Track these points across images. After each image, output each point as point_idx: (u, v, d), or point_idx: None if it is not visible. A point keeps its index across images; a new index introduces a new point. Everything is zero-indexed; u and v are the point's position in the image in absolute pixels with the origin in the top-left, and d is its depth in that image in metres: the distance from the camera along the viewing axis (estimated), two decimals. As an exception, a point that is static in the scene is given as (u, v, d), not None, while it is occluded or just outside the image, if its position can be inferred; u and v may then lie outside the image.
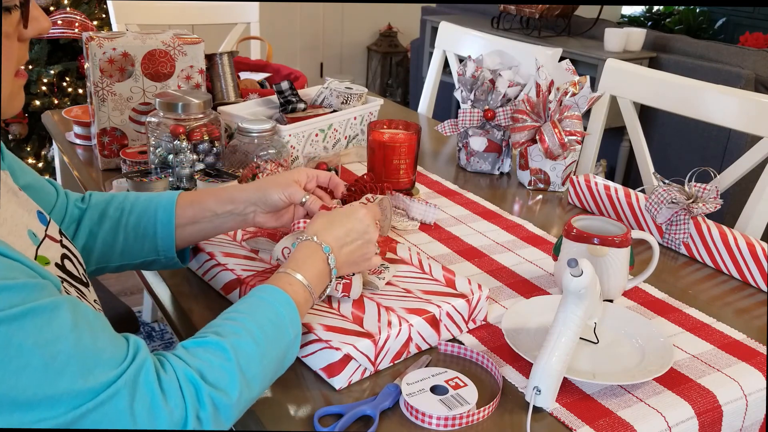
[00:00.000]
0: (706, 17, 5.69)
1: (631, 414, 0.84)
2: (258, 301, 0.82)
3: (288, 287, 0.83)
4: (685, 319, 1.06)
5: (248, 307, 0.81)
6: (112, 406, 0.65)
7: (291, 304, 0.82)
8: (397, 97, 5.05)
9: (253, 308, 0.81)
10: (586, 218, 1.10)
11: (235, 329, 0.77)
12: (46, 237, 0.83)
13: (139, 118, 1.51)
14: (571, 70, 1.50)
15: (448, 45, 2.23)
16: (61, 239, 0.86)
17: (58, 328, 0.65)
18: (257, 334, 0.77)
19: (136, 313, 2.15)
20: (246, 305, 0.81)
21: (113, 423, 0.65)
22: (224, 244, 1.09)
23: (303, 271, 0.86)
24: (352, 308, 0.93)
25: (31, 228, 0.81)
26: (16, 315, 0.62)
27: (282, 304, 0.81)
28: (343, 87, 1.63)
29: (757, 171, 1.44)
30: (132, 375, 0.67)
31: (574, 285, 0.84)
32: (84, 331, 0.67)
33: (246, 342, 0.76)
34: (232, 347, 0.74)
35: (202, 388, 0.71)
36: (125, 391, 0.66)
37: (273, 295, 0.82)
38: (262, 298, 0.82)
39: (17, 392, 0.62)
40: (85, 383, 0.64)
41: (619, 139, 3.28)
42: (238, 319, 0.79)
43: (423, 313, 0.93)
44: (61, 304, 0.66)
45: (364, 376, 0.88)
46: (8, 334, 0.61)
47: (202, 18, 2.48)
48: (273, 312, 0.80)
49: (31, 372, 0.62)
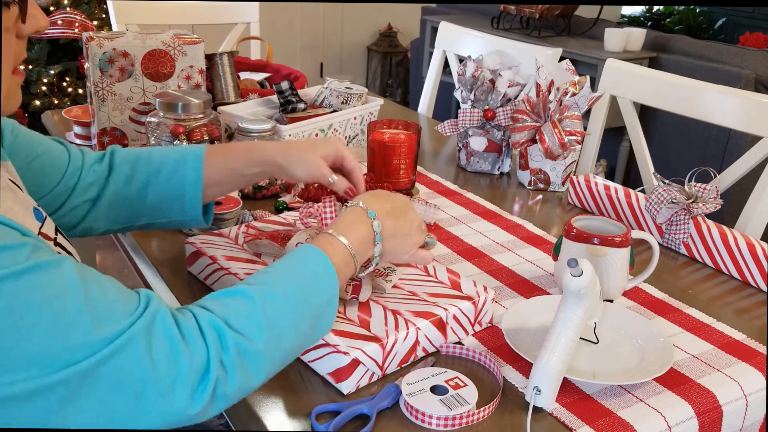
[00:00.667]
0: (706, 17, 5.69)
1: (631, 414, 0.84)
2: (295, 258, 0.81)
3: (328, 247, 0.83)
4: (685, 319, 1.06)
5: (285, 263, 0.81)
6: (129, 352, 0.65)
7: (329, 264, 0.81)
8: (397, 97, 5.05)
9: (289, 264, 0.80)
10: (586, 218, 1.10)
11: (266, 280, 0.77)
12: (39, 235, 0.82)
13: (139, 118, 1.51)
14: (571, 70, 1.50)
15: (448, 45, 2.23)
16: (56, 237, 0.86)
17: (64, 283, 0.64)
18: (288, 287, 0.77)
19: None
20: (283, 262, 0.81)
21: (132, 368, 0.65)
22: (226, 247, 1.08)
23: (347, 234, 0.85)
24: (359, 312, 0.92)
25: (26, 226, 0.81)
26: (21, 271, 0.62)
27: (320, 264, 0.81)
28: (343, 87, 1.63)
29: (757, 171, 1.44)
30: (147, 321, 0.67)
31: (574, 285, 0.84)
32: (92, 285, 0.66)
33: (275, 293, 0.75)
34: (260, 296, 0.74)
35: (225, 333, 0.70)
36: (141, 336, 0.66)
37: (311, 254, 0.81)
38: (300, 256, 0.81)
39: (32, 348, 0.61)
40: (98, 332, 0.64)
41: (619, 139, 3.28)
42: (271, 272, 0.79)
43: (430, 316, 0.92)
44: (65, 260, 0.66)
45: (372, 380, 0.88)
46: (15, 291, 0.61)
47: (202, 18, 2.48)
48: (308, 269, 0.80)
49: (42, 328, 0.62)
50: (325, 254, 0.82)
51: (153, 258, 1.16)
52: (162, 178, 1.03)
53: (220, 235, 1.11)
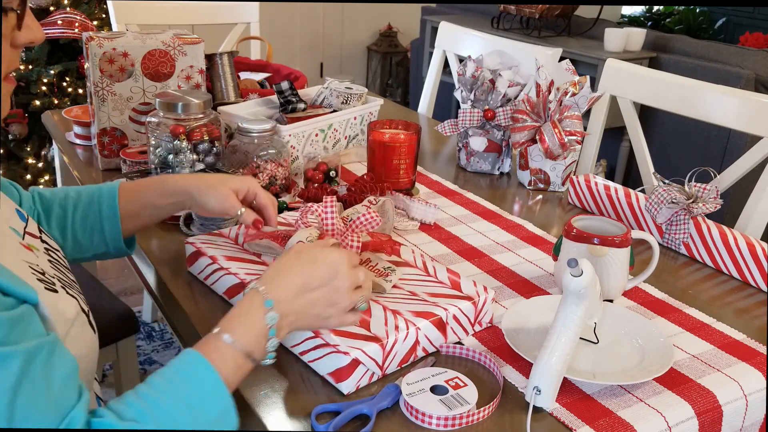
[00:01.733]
0: (706, 17, 5.69)
1: (631, 414, 0.84)
2: (174, 376, 0.74)
3: (214, 354, 0.75)
4: (685, 319, 1.06)
5: (161, 385, 0.73)
6: None
7: (216, 380, 0.74)
8: (397, 97, 5.05)
9: (166, 387, 0.73)
10: (586, 218, 1.10)
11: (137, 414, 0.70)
12: (25, 234, 0.83)
13: (139, 118, 1.51)
14: (571, 70, 1.50)
15: (448, 45, 2.23)
16: (41, 236, 0.87)
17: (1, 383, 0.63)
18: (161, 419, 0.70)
19: (136, 313, 2.15)
20: (160, 381, 0.74)
21: None
22: (226, 247, 1.08)
23: (237, 333, 0.77)
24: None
25: (12, 225, 0.81)
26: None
27: (204, 381, 0.74)
28: (343, 87, 1.63)
29: (757, 171, 1.44)
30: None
31: (574, 285, 0.84)
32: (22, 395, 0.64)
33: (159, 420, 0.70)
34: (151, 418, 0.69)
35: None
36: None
37: (194, 370, 0.74)
38: (180, 373, 0.74)
39: None
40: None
41: (619, 139, 3.28)
42: (144, 397, 0.72)
43: (430, 316, 0.92)
44: (15, 356, 0.64)
45: (372, 380, 0.87)
46: None
47: (202, 18, 2.48)
48: (189, 391, 0.73)
49: None
50: (213, 368, 0.74)
51: (153, 258, 1.16)
52: (79, 212, 1.05)
53: (220, 235, 1.11)
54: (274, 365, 0.88)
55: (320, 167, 1.38)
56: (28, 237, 0.83)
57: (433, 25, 3.90)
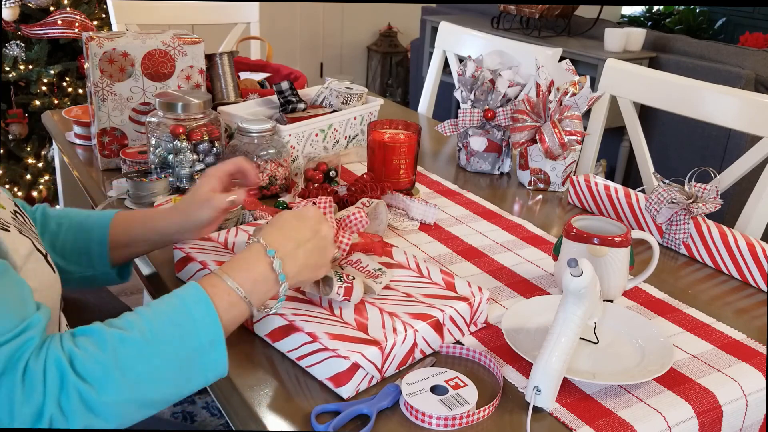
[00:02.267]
0: (706, 17, 5.69)
1: (631, 414, 0.84)
2: (170, 298, 0.78)
3: (211, 289, 0.79)
4: (685, 319, 1.06)
5: (157, 303, 0.77)
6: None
7: (209, 307, 0.77)
8: (397, 97, 5.05)
9: (160, 305, 0.77)
10: (586, 218, 1.10)
11: (126, 323, 0.73)
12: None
13: (139, 118, 1.51)
14: (571, 70, 1.50)
15: (448, 45, 2.23)
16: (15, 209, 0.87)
17: None
18: (148, 331, 0.73)
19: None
20: (157, 302, 0.77)
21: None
22: (216, 252, 1.07)
23: (236, 274, 0.81)
24: (355, 315, 0.92)
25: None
26: None
27: (199, 306, 0.77)
28: (343, 87, 1.63)
29: (757, 171, 1.44)
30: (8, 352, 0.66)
31: (574, 285, 0.84)
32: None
33: (132, 338, 0.72)
34: (113, 340, 0.71)
35: (67, 378, 0.68)
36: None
37: (189, 293, 0.78)
38: (175, 295, 0.78)
39: None
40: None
41: (619, 139, 3.28)
42: (138, 312, 0.75)
43: (427, 317, 0.92)
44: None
45: (371, 384, 0.87)
46: None
47: (202, 18, 2.48)
48: (181, 311, 0.76)
49: None
50: (207, 296, 0.78)
51: (153, 258, 1.16)
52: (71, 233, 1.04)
53: (209, 240, 1.11)
54: (271, 368, 0.89)
55: (320, 167, 1.38)
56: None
57: (433, 25, 3.90)
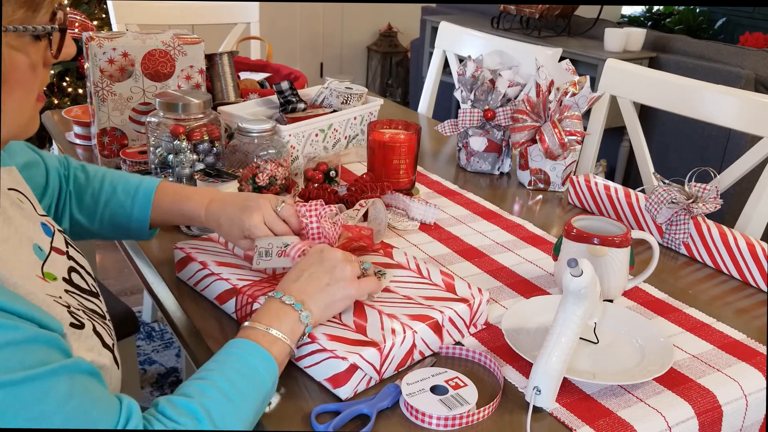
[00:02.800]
0: (706, 17, 5.69)
1: (631, 414, 0.84)
2: (226, 356, 0.80)
3: (261, 339, 0.82)
4: (685, 319, 1.06)
5: (217, 364, 0.79)
6: None
7: (264, 353, 0.80)
8: (397, 97, 5.05)
9: (221, 364, 0.79)
10: (586, 218, 1.10)
11: (203, 388, 0.75)
12: (52, 250, 0.81)
13: (139, 118, 1.51)
14: (571, 70, 1.50)
15: (448, 45, 2.23)
16: (68, 250, 0.85)
17: (53, 400, 0.63)
18: (228, 391, 0.75)
19: (136, 313, 2.15)
20: (215, 363, 0.79)
21: None
22: (216, 252, 1.07)
23: (277, 326, 0.84)
24: (354, 317, 0.91)
25: (37, 242, 0.79)
26: (16, 381, 0.61)
27: (253, 355, 0.80)
28: (343, 87, 1.63)
29: (757, 171, 1.44)
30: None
31: (574, 285, 0.84)
32: (78, 401, 0.65)
33: (217, 401, 0.74)
34: (203, 408, 0.73)
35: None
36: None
37: (243, 348, 0.80)
38: (230, 353, 0.80)
39: None
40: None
41: (619, 139, 3.28)
42: (208, 377, 0.77)
43: (426, 319, 0.92)
44: (59, 372, 0.65)
45: (369, 385, 0.87)
46: (4, 403, 0.60)
47: (202, 18, 2.48)
48: (244, 364, 0.79)
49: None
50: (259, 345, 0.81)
51: (153, 258, 1.17)
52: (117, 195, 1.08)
53: (209, 240, 1.11)
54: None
55: (320, 167, 1.38)
56: (54, 254, 0.82)
57: (433, 25, 3.90)
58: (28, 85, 0.71)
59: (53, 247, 0.82)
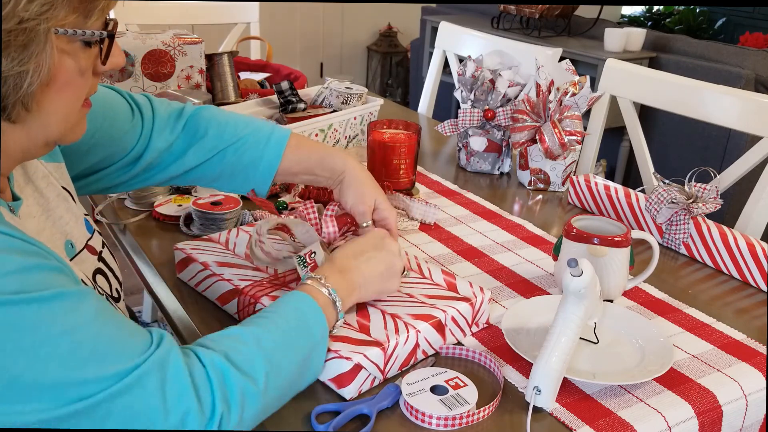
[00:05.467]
0: (706, 17, 5.69)
1: (631, 414, 0.84)
2: (277, 303, 0.82)
3: (311, 290, 0.84)
4: (685, 319, 1.06)
5: (273, 307, 0.82)
6: (141, 389, 0.65)
7: (314, 303, 0.82)
8: (397, 97, 5.05)
9: (278, 307, 0.82)
10: (586, 218, 1.10)
11: (256, 321, 0.78)
12: (85, 248, 0.83)
13: (139, 118, 1.51)
14: (571, 70, 1.50)
15: (448, 45, 2.23)
16: (101, 251, 0.87)
17: (85, 315, 0.65)
18: (280, 323, 0.78)
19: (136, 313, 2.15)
20: (272, 306, 0.82)
21: (143, 405, 0.65)
22: (217, 252, 1.06)
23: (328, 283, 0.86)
24: (357, 317, 0.92)
25: (72, 238, 0.81)
26: (47, 297, 0.62)
27: (304, 303, 0.82)
28: (343, 87, 1.63)
29: (757, 171, 1.44)
30: (159, 359, 0.67)
31: (574, 285, 0.84)
32: (109, 320, 0.67)
33: (269, 330, 0.76)
34: (255, 335, 0.75)
35: (229, 373, 0.70)
36: (153, 374, 0.66)
37: (294, 297, 0.83)
38: (286, 300, 0.83)
39: (46, 378, 0.62)
40: (112, 368, 0.64)
41: (619, 139, 3.28)
42: (264, 314, 0.80)
43: (429, 318, 0.92)
44: (88, 294, 0.67)
45: (373, 385, 0.87)
46: (38, 318, 0.61)
47: (202, 18, 2.48)
48: (295, 309, 0.81)
49: (58, 359, 0.62)
50: (309, 295, 0.83)
51: (153, 258, 1.17)
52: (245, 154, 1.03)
53: (210, 241, 1.11)
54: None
55: (320, 167, 1.38)
56: (86, 252, 0.83)
57: (433, 25, 3.90)
58: (75, 89, 0.72)
59: (87, 245, 0.84)
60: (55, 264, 0.66)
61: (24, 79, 0.65)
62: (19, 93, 0.66)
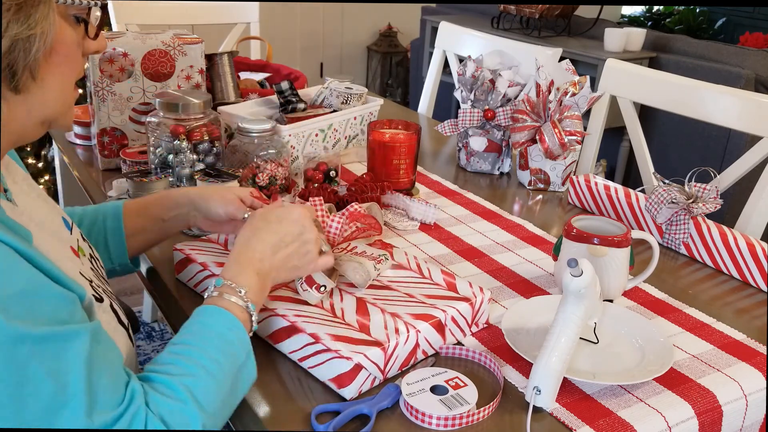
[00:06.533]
0: (706, 17, 5.69)
1: (631, 414, 0.84)
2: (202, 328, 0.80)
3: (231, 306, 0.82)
4: (685, 319, 1.06)
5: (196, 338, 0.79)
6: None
7: (238, 324, 0.81)
8: (397, 97, 5.05)
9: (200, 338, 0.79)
10: (586, 218, 1.10)
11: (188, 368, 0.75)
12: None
13: (139, 118, 1.51)
14: (571, 70, 1.50)
15: (448, 45, 2.23)
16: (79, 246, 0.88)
17: (72, 360, 0.65)
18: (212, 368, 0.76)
19: (136, 313, 2.15)
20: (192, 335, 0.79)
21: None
22: (216, 253, 1.06)
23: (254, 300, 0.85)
24: (357, 316, 0.92)
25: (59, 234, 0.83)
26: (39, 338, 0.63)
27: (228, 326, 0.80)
28: (343, 87, 1.63)
29: (757, 171, 1.44)
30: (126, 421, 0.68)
31: (574, 285, 0.84)
32: (95, 367, 0.67)
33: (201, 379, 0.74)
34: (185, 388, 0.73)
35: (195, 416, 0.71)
36: None
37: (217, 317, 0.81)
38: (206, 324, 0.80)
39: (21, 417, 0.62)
40: (85, 420, 0.65)
41: (619, 139, 3.28)
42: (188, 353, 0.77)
43: (429, 318, 0.92)
44: (81, 333, 0.67)
45: (373, 384, 0.87)
46: (27, 357, 0.62)
47: (202, 18, 2.48)
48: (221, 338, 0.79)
49: (39, 400, 0.63)
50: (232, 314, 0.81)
51: (153, 258, 1.16)
52: (84, 228, 1.04)
53: (208, 241, 1.11)
54: (272, 369, 0.89)
55: (320, 167, 1.38)
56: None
57: (433, 25, 3.90)
58: (73, 63, 0.74)
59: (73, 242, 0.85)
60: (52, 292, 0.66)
61: (32, 43, 0.67)
62: (28, 58, 0.68)
